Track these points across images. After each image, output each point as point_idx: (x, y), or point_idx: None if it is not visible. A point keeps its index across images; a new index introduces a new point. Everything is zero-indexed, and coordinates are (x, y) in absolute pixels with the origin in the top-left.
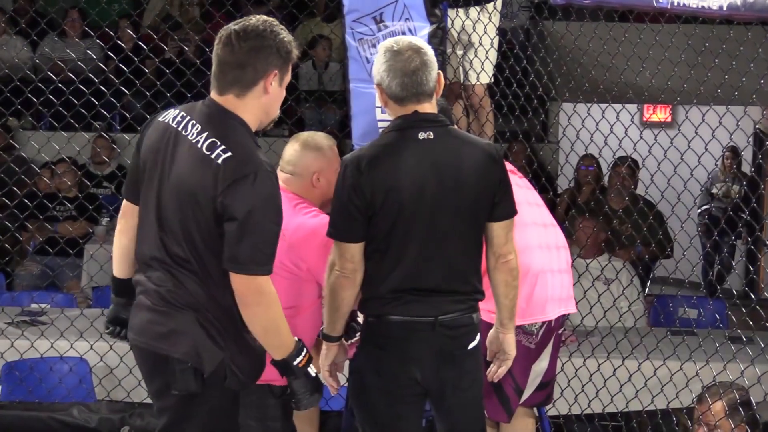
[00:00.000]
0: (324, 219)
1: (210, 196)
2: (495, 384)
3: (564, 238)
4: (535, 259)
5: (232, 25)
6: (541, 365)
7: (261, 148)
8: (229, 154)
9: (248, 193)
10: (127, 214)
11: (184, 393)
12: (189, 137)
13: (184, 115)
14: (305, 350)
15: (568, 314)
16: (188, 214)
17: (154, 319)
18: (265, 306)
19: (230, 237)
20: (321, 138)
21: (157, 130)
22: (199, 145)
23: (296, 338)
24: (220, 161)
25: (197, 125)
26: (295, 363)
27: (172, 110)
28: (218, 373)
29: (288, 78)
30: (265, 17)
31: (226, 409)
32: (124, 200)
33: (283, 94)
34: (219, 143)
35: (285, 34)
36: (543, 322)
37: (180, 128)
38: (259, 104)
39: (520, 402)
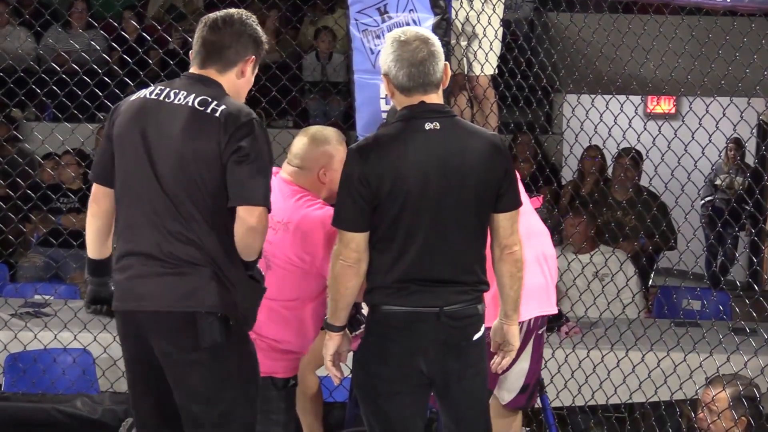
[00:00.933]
0: (329, 211)
1: (214, 149)
2: None
3: (543, 225)
4: None
5: (217, 13)
6: (520, 367)
7: None
8: (224, 107)
9: (251, 137)
10: (99, 198)
11: (210, 345)
12: (176, 102)
13: (163, 88)
14: None
15: (546, 315)
16: (193, 171)
17: (175, 282)
18: (265, 231)
19: (240, 176)
20: (330, 133)
21: (131, 108)
22: (190, 104)
23: None
24: (217, 114)
25: (181, 92)
26: None
27: (144, 90)
28: (238, 320)
29: (256, 69)
30: (243, 11)
31: (253, 362)
32: (95, 184)
33: (251, 83)
34: (210, 99)
35: (260, 28)
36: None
37: (161, 98)
38: (235, 84)
39: (504, 404)
